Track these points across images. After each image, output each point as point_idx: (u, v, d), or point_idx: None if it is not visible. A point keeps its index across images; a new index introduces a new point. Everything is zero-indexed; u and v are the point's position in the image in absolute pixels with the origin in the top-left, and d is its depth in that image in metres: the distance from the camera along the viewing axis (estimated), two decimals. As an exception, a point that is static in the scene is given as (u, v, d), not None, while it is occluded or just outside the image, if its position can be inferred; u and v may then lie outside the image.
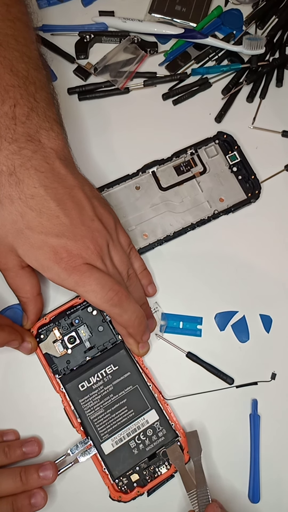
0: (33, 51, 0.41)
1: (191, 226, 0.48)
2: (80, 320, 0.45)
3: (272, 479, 0.43)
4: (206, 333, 0.46)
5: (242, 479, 0.43)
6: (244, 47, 0.53)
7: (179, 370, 0.45)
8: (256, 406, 0.45)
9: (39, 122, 0.39)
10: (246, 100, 0.54)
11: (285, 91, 0.55)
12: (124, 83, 0.53)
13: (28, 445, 0.42)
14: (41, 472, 0.40)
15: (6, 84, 0.38)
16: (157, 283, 0.47)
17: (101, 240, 0.39)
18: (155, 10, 0.56)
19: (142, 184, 0.50)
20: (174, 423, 0.43)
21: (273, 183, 0.51)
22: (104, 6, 0.56)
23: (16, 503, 0.39)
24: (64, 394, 0.43)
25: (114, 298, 0.38)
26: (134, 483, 0.41)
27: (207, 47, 0.55)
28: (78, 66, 0.54)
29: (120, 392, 0.43)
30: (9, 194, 0.37)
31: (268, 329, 0.47)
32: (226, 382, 0.45)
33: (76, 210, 0.38)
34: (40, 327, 0.44)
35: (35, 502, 0.39)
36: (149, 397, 0.43)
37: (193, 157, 0.51)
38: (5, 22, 0.40)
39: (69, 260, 0.38)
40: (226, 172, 0.51)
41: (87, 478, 0.42)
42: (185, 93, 0.53)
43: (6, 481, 0.39)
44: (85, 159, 0.50)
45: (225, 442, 0.44)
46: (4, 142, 0.37)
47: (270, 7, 0.57)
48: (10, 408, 0.44)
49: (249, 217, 0.50)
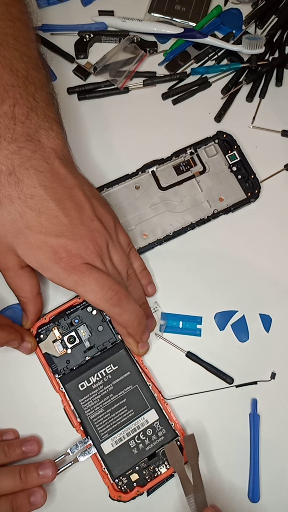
0: (32, 51, 0.41)
1: (191, 225, 0.48)
2: (80, 320, 0.45)
3: (272, 478, 0.43)
4: (206, 332, 0.46)
5: (242, 478, 0.43)
6: (244, 47, 0.53)
7: (178, 370, 0.45)
8: (256, 406, 0.45)
9: (39, 121, 0.39)
10: (245, 99, 0.54)
11: (284, 91, 0.55)
12: (124, 82, 0.53)
13: (27, 444, 0.42)
14: (41, 471, 0.40)
15: (5, 83, 0.38)
16: (157, 283, 0.47)
17: (101, 240, 0.39)
18: (154, 9, 0.56)
19: (142, 183, 0.50)
20: (174, 423, 0.43)
21: (273, 182, 0.51)
22: (103, 6, 0.56)
23: (15, 501, 0.39)
24: (64, 394, 0.43)
25: (114, 298, 0.38)
26: (134, 482, 0.41)
27: (206, 46, 0.55)
28: (77, 65, 0.54)
29: (119, 392, 0.43)
30: (9, 193, 0.37)
31: (268, 328, 0.47)
32: (225, 381, 0.45)
33: (75, 210, 0.38)
34: (39, 327, 0.44)
35: (35, 500, 0.39)
36: (148, 396, 0.43)
37: (192, 156, 0.51)
38: (4, 21, 0.40)
39: (68, 260, 0.38)
40: (225, 172, 0.51)
41: (87, 478, 0.42)
42: (185, 93, 0.53)
43: (5, 479, 0.39)
44: (85, 159, 0.50)
45: (225, 441, 0.44)
46: (3, 141, 0.37)
47: (270, 6, 0.57)
48: (10, 408, 0.44)
49: (248, 216, 0.50)
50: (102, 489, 0.41)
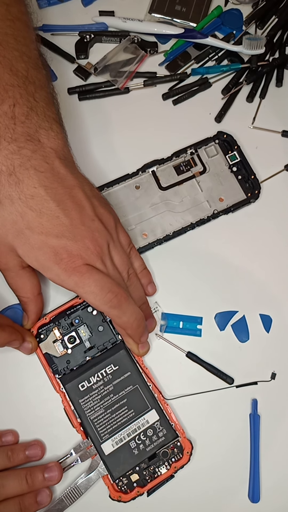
0: (32, 51, 0.41)
1: (191, 225, 0.48)
2: (80, 320, 0.45)
3: (272, 479, 0.43)
4: (206, 333, 0.46)
5: (242, 479, 0.43)
6: (244, 47, 0.53)
7: (179, 370, 0.45)
8: (256, 406, 0.45)
9: (39, 121, 0.39)
10: (246, 100, 0.54)
11: (285, 91, 0.55)
12: (124, 83, 0.53)
13: (31, 448, 0.42)
14: (47, 474, 0.40)
15: (5, 83, 0.38)
16: (157, 283, 0.47)
17: (101, 240, 0.39)
18: (155, 10, 0.56)
19: (142, 183, 0.50)
20: (174, 423, 0.43)
21: (273, 183, 0.51)
22: (104, 6, 0.56)
23: (23, 503, 0.39)
24: (64, 394, 0.43)
25: (113, 300, 0.38)
26: (134, 483, 0.41)
27: (207, 47, 0.55)
28: (78, 66, 0.54)
29: (120, 392, 0.43)
30: (9, 194, 0.37)
31: (268, 329, 0.47)
32: (226, 382, 0.45)
33: (76, 210, 0.38)
34: (40, 327, 0.44)
35: (41, 500, 0.40)
36: (149, 397, 0.43)
37: (193, 156, 0.51)
38: (4, 21, 0.40)
39: (69, 260, 0.38)
40: (226, 172, 0.51)
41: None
42: (185, 93, 0.53)
43: (12, 483, 0.40)
44: (85, 159, 0.50)
45: (225, 441, 0.44)
46: (3, 141, 0.37)
47: (270, 7, 0.57)
48: (10, 408, 0.44)
49: (248, 217, 0.50)
50: (102, 489, 0.41)
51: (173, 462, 0.42)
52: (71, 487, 0.41)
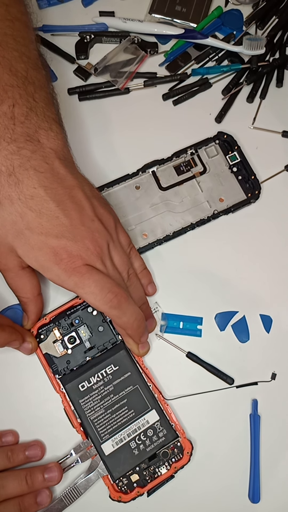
0: (32, 51, 0.41)
1: (191, 226, 0.48)
2: (80, 320, 0.45)
3: (272, 479, 0.43)
4: (206, 333, 0.46)
5: (242, 479, 0.43)
6: (244, 48, 0.53)
7: (179, 370, 0.45)
8: (256, 406, 0.45)
9: (38, 122, 0.39)
10: (246, 100, 0.54)
11: (285, 92, 0.55)
12: (124, 83, 0.53)
13: (31, 449, 0.42)
14: (46, 474, 0.40)
15: (5, 84, 0.38)
16: (157, 283, 0.47)
17: (101, 241, 0.39)
18: (155, 10, 0.56)
19: (142, 183, 0.50)
20: (174, 423, 0.43)
21: (273, 183, 0.51)
22: (104, 7, 0.56)
23: (23, 503, 0.39)
24: (64, 395, 0.43)
25: (113, 300, 0.38)
26: (134, 483, 0.41)
27: (207, 47, 0.55)
28: (78, 66, 0.54)
29: (120, 392, 0.43)
30: (9, 194, 0.37)
31: (268, 329, 0.47)
32: (226, 382, 0.45)
33: (76, 210, 0.38)
34: (40, 327, 0.44)
35: (41, 500, 0.40)
36: (149, 397, 0.43)
37: (193, 157, 0.51)
38: (4, 22, 0.40)
39: (69, 261, 0.38)
40: (226, 172, 0.51)
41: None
42: (185, 94, 0.53)
43: (12, 484, 0.40)
44: (85, 159, 0.50)
45: (225, 442, 0.44)
46: (3, 142, 0.37)
47: (270, 7, 0.57)
48: (10, 408, 0.44)
49: (249, 217, 0.50)
50: (103, 489, 0.41)
51: (173, 462, 0.42)
52: (70, 487, 0.41)
